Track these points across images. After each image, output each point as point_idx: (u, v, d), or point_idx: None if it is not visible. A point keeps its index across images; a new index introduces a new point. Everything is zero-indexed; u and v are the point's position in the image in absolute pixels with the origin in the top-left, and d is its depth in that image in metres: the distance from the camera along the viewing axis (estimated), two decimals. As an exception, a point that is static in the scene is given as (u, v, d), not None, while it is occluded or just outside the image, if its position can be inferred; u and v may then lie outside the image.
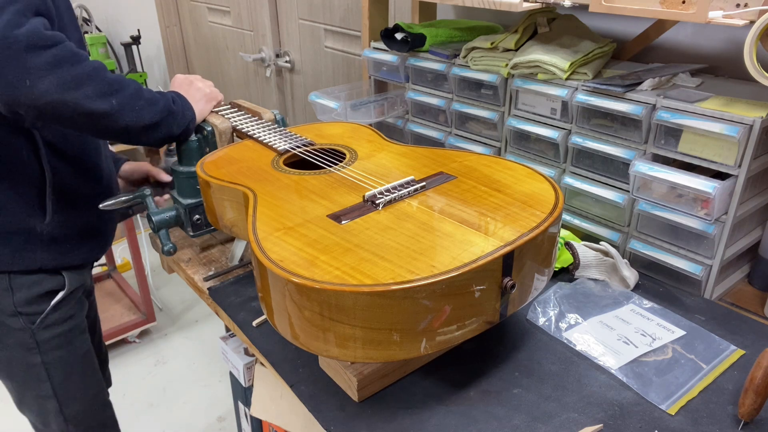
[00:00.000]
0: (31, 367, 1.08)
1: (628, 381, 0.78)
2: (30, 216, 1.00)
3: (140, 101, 0.93)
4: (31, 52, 0.79)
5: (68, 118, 0.86)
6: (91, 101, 0.85)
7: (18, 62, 0.78)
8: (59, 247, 1.04)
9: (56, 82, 0.81)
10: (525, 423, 0.72)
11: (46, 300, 1.05)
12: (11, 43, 0.77)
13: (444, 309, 0.64)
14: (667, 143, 0.93)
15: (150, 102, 0.94)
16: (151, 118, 0.94)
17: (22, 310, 1.03)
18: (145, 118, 0.93)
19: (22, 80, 0.79)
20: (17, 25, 0.78)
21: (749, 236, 1.00)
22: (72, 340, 1.12)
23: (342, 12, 1.89)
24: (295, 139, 1.02)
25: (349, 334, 0.64)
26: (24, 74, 0.79)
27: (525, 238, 0.69)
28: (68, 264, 1.07)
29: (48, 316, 1.06)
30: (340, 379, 0.78)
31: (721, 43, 1.05)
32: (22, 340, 1.05)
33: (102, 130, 0.90)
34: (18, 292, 1.02)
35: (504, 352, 0.84)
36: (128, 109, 0.90)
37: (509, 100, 1.15)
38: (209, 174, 0.91)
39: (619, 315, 0.90)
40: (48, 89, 0.81)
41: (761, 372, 0.70)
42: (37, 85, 0.80)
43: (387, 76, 1.41)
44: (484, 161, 0.92)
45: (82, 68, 0.84)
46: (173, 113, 0.99)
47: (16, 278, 1.02)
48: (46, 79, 0.81)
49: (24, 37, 0.78)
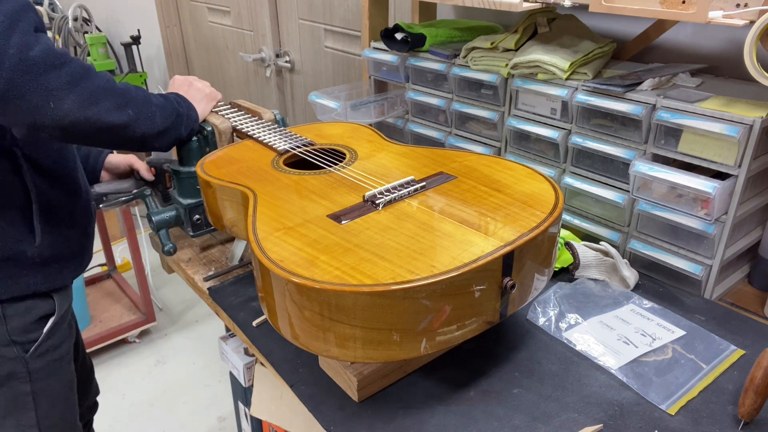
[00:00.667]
0: (19, 396, 1.02)
1: (628, 381, 0.78)
2: (19, 240, 0.96)
3: (151, 107, 0.93)
4: (49, 73, 0.78)
5: (91, 134, 0.85)
6: (111, 114, 0.85)
7: (39, 85, 0.77)
8: (50, 268, 1.01)
9: (77, 101, 0.81)
10: (525, 423, 0.72)
11: (39, 326, 1.01)
12: (30, 66, 0.76)
13: (444, 309, 0.64)
14: (667, 143, 0.93)
15: (160, 107, 0.95)
16: (163, 123, 0.95)
17: (16, 339, 0.98)
18: (159, 124, 0.93)
19: (46, 103, 0.78)
20: (30, 46, 0.76)
21: (749, 236, 1.00)
22: (60, 368, 1.07)
23: (342, 12, 1.89)
24: (295, 139, 1.02)
25: (349, 334, 0.64)
26: (47, 96, 0.78)
27: (525, 238, 0.69)
28: (59, 285, 1.03)
29: (42, 343, 1.01)
30: (340, 379, 0.78)
31: (721, 43, 1.05)
32: (14, 369, 1.00)
33: (120, 141, 0.90)
34: (11, 320, 0.97)
35: (504, 352, 0.84)
36: (143, 117, 0.91)
37: (509, 100, 1.15)
38: (209, 174, 0.91)
39: (619, 315, 0.90)
40: (71, 108, 0.80)
41: (761, 372, 0.70)
42: (60, 105, 0.79)
43: (387, 76, 1.41)
44: (484, 161, 0.92)
45: (97, 82, 0.84)
46: (180, 115, 0.99)
47: (8, 306, 0.97)
48: (68, 98, 0.80)
49: (40, 58, 0.77)
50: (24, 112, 0.78)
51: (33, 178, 0.95)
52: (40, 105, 0.78)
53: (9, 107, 0.77)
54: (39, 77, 0.77)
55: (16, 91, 0.76)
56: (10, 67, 0.75)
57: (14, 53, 0.75)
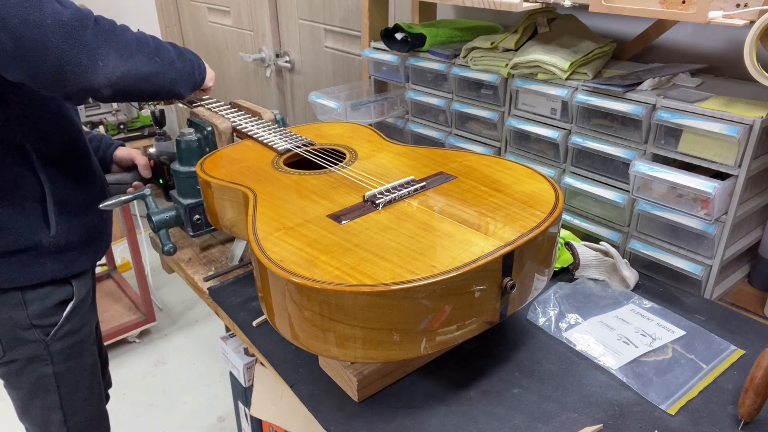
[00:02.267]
0: (41, 378, 1.07)
1: (628, 381, 0.78)
2: (35, 231, 0.98)
3: (169, 53, 0.93)
4: (86, 33, 0.77)
5: (133, 86, 0.86)
6: (146, 64, 0.86)
7: (84, 46, 0.77)
8: (66, 255, 1.03)
9: (117, 55, 0.81)
10: (525, 423, 0.72)
11: (59, 311, 1.05)
12: (70, 31, 0.75)
13: (444, 309, 0.64)
14: (667, 143, 0.93)
15: (177, 53, 0.95)
16: (183, 66, 0.96)
17: (36, 323, 1.02)
18: (179, 68, 0.94)
19: (95, 62, 0.78)
20: (61, 12, 0.76)
21: (749, 236, 1.00)
22: (83, 351, 1.11)
23: (342, 12, 1.89)
24: (295, 139, 1.02)
25: (349, 334, 0.64)
26: (93, 56, 0.78)
27: (525, 238, 0.69)
28: (77, 271, 1.06)
29: (61, 327, 1.05)
30: (340, 379, 0.78)
31: (721, 43, 1.05)
32: (36, 352, 1.04)
33: (156, 89, 0.91)
34: (31, 305, 1.01)
35: (504, 352, 0.84)
36: (167, 62, 0.91)
37: (509, 100, 1.15)
38: (209, 174, 0.91)
39: (619, 315, 0.90)
40: (116, 64, 0.81)
41: (761, 372, 0.70)
42: (107, 62, 0.80)
43: (387, 76, 1.41)
44: (484, 161, 0.92)
45: (126, 35, 0.84)
46: (192, 61, 1.00)
47: (28, 293, 1.00)
48: (110, 54, 0.80)
49: (75, 20, 0.77)
50: (79, 77, 0.78)
51: (45, 171, 0.98)
52: (90, 65, 0.78)
53: (67, 76, 0.77)
54: (81, 39, 0.77)
55: (67, 57, 0.76)
56: (55, 36, 0.74)
57: (52, 23, 0.74)
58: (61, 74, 0.77)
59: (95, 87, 0.81)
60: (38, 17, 0.73)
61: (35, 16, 0.73)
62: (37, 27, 0.74)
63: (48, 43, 0.74)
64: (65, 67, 0.77)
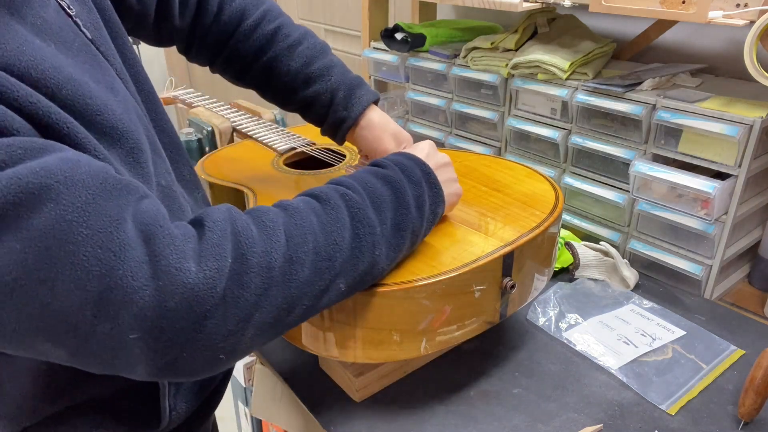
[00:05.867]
0: None
1: (628, 381, 0.78)
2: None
3: (366, 240, 0.56)
4: (216, 318, 0.46)
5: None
6: (322, 298, 0.54)
7: (202, 345, 0.47)
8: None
9: (270, 319, 0.50)
10: (525, 423, 0.72)
11: None
12: (186, 326, 0.45)
13: (444, 309, 0.64)
14: (667, 143, 0.93)
15: (385, 228, 0.58)
16: (393, 245, 0.60)
17: None
18: (392, 234, 0.60)
19: (216, 358, 0.48)
20: (181, 269, 0.44)
21: (749, 236, 1.00)
22: None
23: (342, 12, 1.89)
24: (296, 139, 1.02)
25: (349, 334, 0.64)
26: (216, 351, 0.48)
27: (525, 239, 0.69)
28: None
29: None
30: (340, 379, 0.78)
31: (721, 43, 1.05)
32: None
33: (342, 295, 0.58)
34: None
35: (504, 352, 0.84)
36: (365, 250, 0.57)
37: (509, 100, 1.15)
38: (209, 174, 0.91)
39: (619, 315, 0.90)
40: (256, 338, 0.50)
41: (761, 372, 0.70)
42: (240, 342, 0.49)
43: (387, 76, 1.41)
44: (484, 161, 0.92)
45: (289, 267, 0.50)
46: (423, 201, 0.63)
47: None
48: (251, 324, 0.49)
49: (204, 291, 0.45)
50: (191, 374, 0.49)
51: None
52: (211, 362, 0.49)
53: (166, 376, 0.50)
54: (199, 334, 0.46)
55: (165, 360, 0.46)
56: (148, 341, 0.44)
57: (143, 331, 0.43)
58: (157, 376, 0.48)
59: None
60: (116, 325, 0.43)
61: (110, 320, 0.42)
62: (115, 335, 0.43)
63: (131, 350, 0.44)
64: (166, 372, 0.48)
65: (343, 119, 0.78)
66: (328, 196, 0.56)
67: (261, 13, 0.77)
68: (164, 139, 0.65)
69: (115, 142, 0.49)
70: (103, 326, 0.42)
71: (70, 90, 0.46)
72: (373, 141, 0.78)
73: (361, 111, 0.77)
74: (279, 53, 0.77)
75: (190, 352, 0.46)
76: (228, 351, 0.48)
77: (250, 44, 0.77)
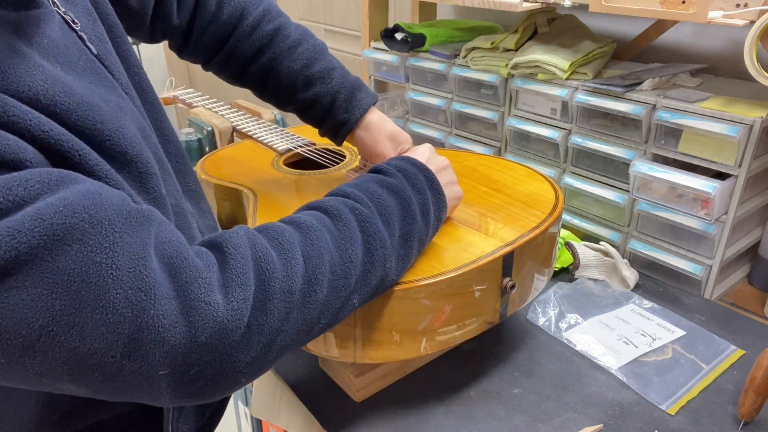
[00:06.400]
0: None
1: (628, 381, 0.78)
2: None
3: (376, 253, 0.56)
4: (240, 352, 0.46)
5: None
6: (338, 315, 0.55)
7: (225, 376, 0.47)
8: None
9: (291, 341, 0.50)
10: (525, 423, 0.72)
11: None
12: (212, 360, 0.45)
13: (444, 309, 0.64)
14: (667, 143, 0.93)
15: (392, 240, 0.58)
16: (400, 254, 0.61)
17: None
18: (395, 265, 0.60)
19: (237, 380, 0.48)
20: (213, 306, 0.44)
21: (749, 236, 1.00)
22: None
23: (342, 12, 1.89)
24: (295, 139, 1.02)
25: (349, 334, 0.64)
26: (238, 377, 0.48)
27: (525, 239, 0.69)
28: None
29: None
30: (340, 379, 0.78)
31: (721, 43, 1.05)
32: None
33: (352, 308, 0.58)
34: None
35: (504, 352, 0.84)
36: (377, 262, 0.57)
37: (509, 100, 1.15)
38: (209, 174, 0.91)
39: (619, 315, 0.90)
40: (274, 360, 0.50)
41: (761, 372, 0.70)
42: (263, 365, 0.50)
43: (387, 76, 1.41)
44: (484, 161, 0.92)
45: (309, 288, 0.50)
46: (428, 208, 0.64)
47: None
48: (273, 348, 0.49)
49: (233, 322, 0.45)
50: (214, 395, 0.48)
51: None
52: (231, 382, 0.48)
53: (187, 400, 0.48)
54: (225, 365, 0.46)
55: (191, 391, 0.46)
56: (172, 380, 0.44)
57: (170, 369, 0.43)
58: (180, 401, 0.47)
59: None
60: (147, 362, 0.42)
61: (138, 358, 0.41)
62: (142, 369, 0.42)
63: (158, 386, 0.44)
64: (189, 398, 0.47)
65: (344, 122, 0.78)
66: (338, 211, 0.56)
67: (261, 13, 0.77)
68: (170, 149, 0.64)
69: (124, 166, 0.48)
70: (132, 365, 0.41)
71: (80, 114, 0.44)
72: (370, 143, 0.79)
73: (362, 114, 0.78)
74: (279, 54, 0.77)
75: (214, 381, 0.46)
76: (249, 374, 0.49)
77: (249, 44, 0.76)
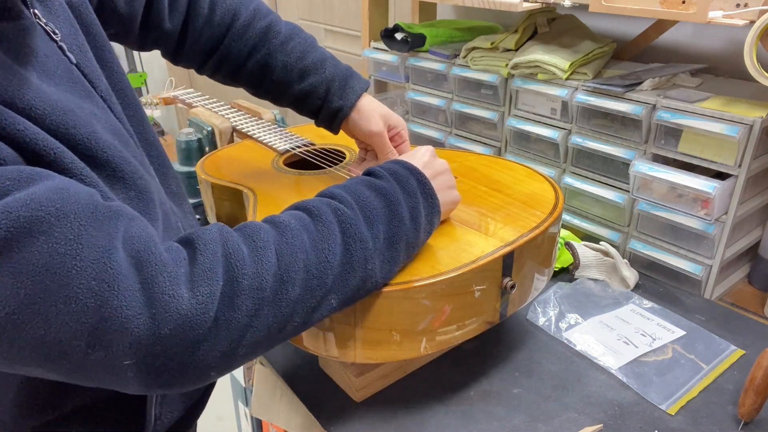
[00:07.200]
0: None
1: (628, 381, 0.78)
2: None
3: (356, 253, 0.56)
4: (204, 346, 0.46)
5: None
6: (313, 314, 0.55)
7: (191, 369, 0.47)
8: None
9: (261, 338, 0.50)
10: (525, 423, 0.72)
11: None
12: (174, 355, 0.45)
13: (444, 309, 0.64)
14: (667, 143, 0.93)
15: (375, 237, 0.58)
16: (388, 257, 0.60)
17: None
18: (380, 268, 0.59)
19: (206, 374, 0.49)
20: (177, 299, 0.44)
21: (749, 236, 1.00)
22: None
23: (342, 12, 1.89)
24: (295, 139, 1.02)
25: (349, 334, 0.64)
26: (206, 372, 0.48)
27: (525, 239, 0.69)
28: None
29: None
30: (340, 379, 0.78)
31: (721, 43, 1.05)
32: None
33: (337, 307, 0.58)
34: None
35: (504, 352, 0.84)
36: (346, 278, 0.56)
37: (509, 100, 1.15)
38: (209, 174, 0.91)
39: (619, 315, 0.90)
40: (246, 356, 0.50)
41: (761, 372, 0.70)
42: (232, 360, 0.49)
43: (387, 76, 1.41)
44: (484, 161, 0.92)
45: (280, 286, 0.50)
46: (415, 231, 0.62)
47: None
48: (243, 344, 0.49)
49: (198, 316, 0.45)
50: (182, 386, 0.49)
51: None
52: (198, 372, 0.48)
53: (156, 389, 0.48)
54: (190, 361, 0.47)
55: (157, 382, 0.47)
56: (137, 370, 0.45)
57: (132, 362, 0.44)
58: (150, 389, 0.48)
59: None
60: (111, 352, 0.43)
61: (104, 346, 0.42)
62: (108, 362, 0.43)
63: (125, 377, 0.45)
64: (158, 388, 0.48)
65: (340, 108, 0.80)
66: (320, 211, 0.56)
67: (252, 12, 0.79)
68: (152, 153, 0.65)
69: (98, 167, 0.49)
70: (97, 354, 0.42)
71: (54, 119, 0.46)
72: (364, 124, 0.80)
73: (356, 99, 0.80)
74: (273, 49, 0.78)
75: (182, 372, 0.47)
76: (219, 368, 0.49)
77: (243, 42, 0.78)
